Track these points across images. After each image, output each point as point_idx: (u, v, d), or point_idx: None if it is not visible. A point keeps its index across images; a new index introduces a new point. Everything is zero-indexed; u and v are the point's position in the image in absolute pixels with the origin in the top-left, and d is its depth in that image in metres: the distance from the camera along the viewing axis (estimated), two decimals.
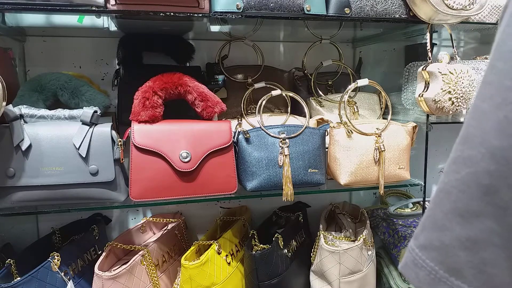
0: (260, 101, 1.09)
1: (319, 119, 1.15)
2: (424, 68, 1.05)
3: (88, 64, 1.25)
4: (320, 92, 1.25)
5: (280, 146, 1.00)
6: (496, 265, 0.31)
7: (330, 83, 1.32)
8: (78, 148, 0.90)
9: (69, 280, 0.99)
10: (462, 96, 1.03)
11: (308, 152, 1.02)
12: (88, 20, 1.12)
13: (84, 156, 0.90)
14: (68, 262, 1.02)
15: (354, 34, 1.39)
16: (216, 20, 1.11)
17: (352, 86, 1.09)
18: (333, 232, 1.21)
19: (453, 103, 1.03)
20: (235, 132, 1.01)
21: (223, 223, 1.26)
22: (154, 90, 0.95)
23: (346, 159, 1.04)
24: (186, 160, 0.93)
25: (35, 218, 1.27)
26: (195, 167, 0.94)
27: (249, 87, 1.19)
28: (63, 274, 0.98)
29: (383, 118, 1.24)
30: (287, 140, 1.01)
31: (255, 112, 1.11)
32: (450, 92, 1.01)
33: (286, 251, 1.11)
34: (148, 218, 1.25)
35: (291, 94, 1.13)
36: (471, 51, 1.57)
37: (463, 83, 1.02)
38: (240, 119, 1.11)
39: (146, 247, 1.08)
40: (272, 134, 1.01)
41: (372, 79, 1.12)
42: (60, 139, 0.90)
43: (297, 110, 1.19)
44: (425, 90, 1.04)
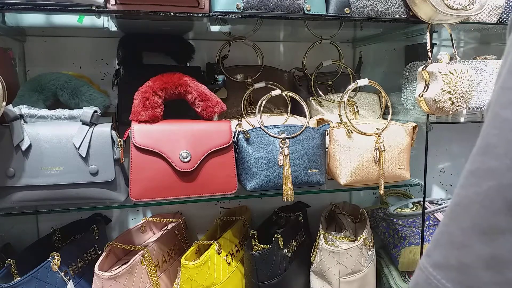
0: (260, 101, 1.09)
1: (319, 119, 1.15)
2: (424, 68, 1.05)
3: (88, 64, 1.25)
4: (320, 92, 1.25)
5: (280, 146, 1.00)
6: None
7: (330, 83, 1.32)
8: (78, 148, 0.90)
9: (69, 280, 0.99)
10: (462, 96, 1.03)
11: (308, 152, 1.02)
12: (88, 20, 1.12)
13: (84, 156, 0.90)
14: (68, 262, 1.02)
15: (354, 34, 1.39)
16: (216, 20, 1.11)
17: (352, 86, 1.09)
18: (333, 232, 1.21)
19: (453, 103, 1.03)
20: (235, 132, 1.01)
21: (223, 223, 1.26)
22: (154, 90, 0.95)
23: (346, 159, 1.04)
24: (186, 160, 0.93)
25: (35, 218, 1.27)
26: (195, 167, 0.94)
27: (249, 87, 1.19)
28: (63, 274, 0.98)
29: (383, 118, 1.24)
30: (287, 140, 1.01)
31: (255, 112, 1.11)
32: (450, 92, 1.01)
33: (286, 251, 1.11)
34: (148, 218, 1.25)
35: (291, 94, 1.13)
36: (471, 51, 1.57)
37: (463, 83, 1.02)
38: (240, 119, 1.11)
39: (146, 247, 1.08)
40: (272, 134, 1.01)
41: (372, 79, 1.12)
42: (60, 139, 0.90)
43: (297, 110, 1.19)
44: (425, 90, 1.04)
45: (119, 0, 0.88)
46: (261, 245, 1.08)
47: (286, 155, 0.99)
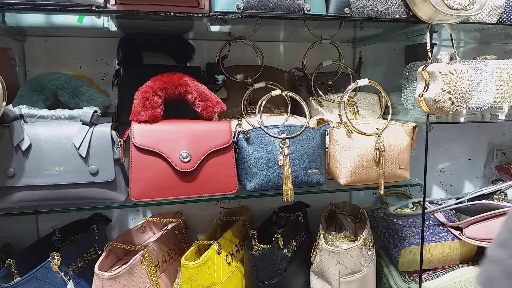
0: (260, 101, 1.09)
1: (319, 119, 1.15)
2: (424, 68, 1.05)
3: (88, 64, 1.25)
4: (320, 92, 1.25)
5: (280, 146, 1.00)
6: None
7: (330, 83, 1.32)
8: (78, 148, 0.90)
9: (69, 280, 0.99)
10: (462, 96, 1.03)
11: (308, 152, 1.02)
12: (88, 20, 1.12)
13: (84, 156, 0.90)
14: (68, 262, 1.02)
15: (354, 34, 1.38)
16: (216, 20, 1.11)
17: (352, 86, 1.09)
18: (333, 232, 1.21)
19: (453, 103, 1.03)
20: (235, 132, 1.01)
21: (223, 223, 1.26)
22: (154, 90, 0.95)
23: (346, 159, 1.04)
24: (186, 160, 0.93)
25: (35, 218, 1.27)
26: (195, 167, 0.94)
27: (249, 87, 1.19)
28: (63, 274, 0.98)
29: (383, 118, 1.24)
30: (287, 140, 1.01)
31: (255, 112, 1.11)
32: (450, 92, 1.01)
33: (286, 251, 1.11)
34: (148, 218, 1.25)
35: (291, 94, 1.13)
36: (471, 51, 1.57)
37: (463, 83, 1.02)
38: (240, 119, 1.11)
39: (146, 247, 1.08)
40: (272, 134, 1.01)
41: (372, 79, 1.12)
42: (60, 139, 0.90)
43: (297, 110, 1.19)
44: (425, 90, 1.04)
45: (119, 0, 0.88)
46: (261, 245, 1.08)
47: (286, 155, 0.99)
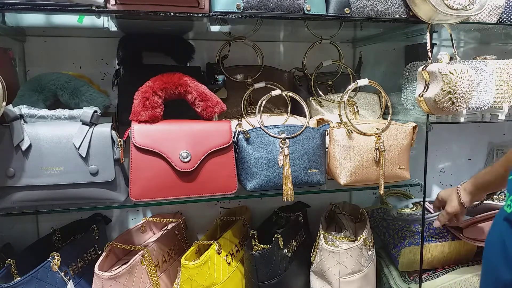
0: (260, 101, 1.09)
1: (319, 119, 1.15)
2: (424, 68, 1.05)
3: (88, 64, 1.25)
4: (320, 92, 1.25)
5: (280, 146, 1.00)
6: None
7: (330, 83, 1.32)
8: (78, 148, 0.90)
9: (69, 280, 0.99)
10: (462, 96, 1.03)
11: (308, 152, 1.02)
12: (88, 20, 1.12)
13: (84, 156, 0.90)
14: (68, 262, 1.02)
15: (354, 34, 1.38)
16: (216, 20, 1.11)
17: (352, 86, 1.09)
18: (333, 232, 1.21)
19: (453, 103, 1.03)
20: (235, 132, 1.01)
21: (223, 223, 1.26)
22: (154, 90, 0.95)
23: (346, 159, 1.04)
24: (186, 160, 0.93)
25: (35, 218, 1.27)
26: (195, 167, 0.94)
27: (249, 87, 1.19)
28: (63, 274, 0.98)
29: (383, 118, 1.24)
30: (287, 140, 1.01)
31: (255, 112, 1.11)
32: (450, 92, 1.01)
33: (286, 251, 1.11)
34: (148, 218, 1.25)
35: (291, 94, 1.13)
36: (471, 51, 1.57)
37: (463, 83, 1.02)
38: (240, 119, 1.11)
39: (146, 247, 1.08)
40: (272, 134, 1.01)
41: (372, 79, 1.12)
42: (60, 139, 0.90)
43: (297, 110, 1.19)
44: (425, 90, 1.04)
45: (119, 0, 0.88)
46: (261, 245, 1.07)
47: (286, 155, 0.99)
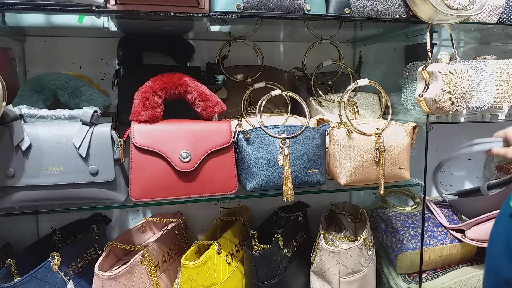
0: (260, 101, 1.09)
1: (319, 119, 1.15)
2: (424, 68, 1.05)
3: (88, 64, 1.25)
4: (320, 92, 1.25)
5: (280, 146, 1.00)
6: None
7: (330, 83, 1.32)
8: (78, 148, 0.90)
9: (69, 280, 0.99)
10: (462, 96, 1.03)
11: (308, 152, 1.02)
12: (88, 20, 1.12)
13: (84, 156, 0.90)
14: (68, 262, 1.02)
15: (354, 34, 1.38)
16: (216, 20, 1.11)
17: (352, 86, 1.09)
18: (333, 232, 1.21)
19: (453, 103, 1.03)
20: (235, 132, 1.01)
21: (223, 223, 1.26)
22: (154, 90, 0.95)
23: (346, 159, 1.04)
24: (186, 160, 0.93)
25: (35, 218, 1.27)
26: (195, 167, 0.94)
27: (249, 87, 1.19)
28: (63, 274, 0.98)
29: (383, 118, 1.24)
30: (287, 140, 1.01)
31: (255, 112, 1.11)
32: (450, 92, 1.01)
33: (286, 251, 1.11)
34: (148, 218, 1.25)
35: (291, 94, 1.13)
36: (471, 51, 1.57)
37: (463, 83, 1.02)
38: (240, 119, 1.11)
39: (146, 247, 1.08)
40: (272, 134, 1.01)
41: (372, 79, 1.11)
42: (60, 139, 0.90)
43: (297, 110, 1.19)
44: (425, 90, 1.04)
45: (119, 0, 0.88)
46: (261, 245, 1.07)
47: (286, 155, 0.99)
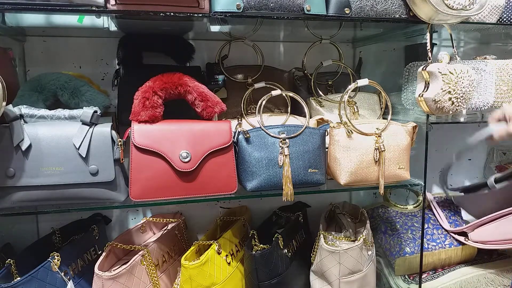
0: (260, 101, 1.09)
1: (319, 119, 1.15)
2: (424, 68, 1.05)
3: (88, 64, 1.25)
4: (320, 92, 1.25)
5: (280, 146, 1.00)
6: None
7: (330, 83, 1.32)
8: (78, 148, 0.90)
9: (69, 280, 0.99)
10: (462, 96, 1.03)
11: (308, 152, 1.02)
12: (88, 20, 1.12)
13: (84, 156, 0.90)
14: (68, 262, 1.02)
15: (354, 34, 1.38)
16: (216, 20, 1.11)
17: (352, 86, 1.09)
18: (333, 232, 1.21)
19: (453, 103, 1.03)
20: (235, 132, 1.01)
21: (223, 223, 1.26)
22: (154, 90, 0.95)
23: (346, 159, 1.04)
24: (186, 160, 0.93)
25: (35, 218, 1.27)
26: (195, 167, 0.94)
27: (249, 87, 1.19)
28: (63, 274, 0.98)
29: (383, 118, 1.24)
30: (287, 140, 1.01)
31: (255, 112, 1.11)
32: (450, 92, 1.01)
33: (286, 251, 1.11)
34: (148, 218, 1.25)
35: (291, 94, 1.13)
36: (471, 51, 1.57)
37: (463, 83, 1.02)
38: (240, 119, 1.11)
39: (146, 247, 1.08)
40: (272, 134, 1.01)
41: (372, 79, 1.12)
42: (60, 139, 0.90)
43: (297, 110, 1.19)
44: (425, 90, 1.04)
45: (119, 0, 0.88)
46: (261, 245, 1.07)
47: (286, 155, 0.99)
